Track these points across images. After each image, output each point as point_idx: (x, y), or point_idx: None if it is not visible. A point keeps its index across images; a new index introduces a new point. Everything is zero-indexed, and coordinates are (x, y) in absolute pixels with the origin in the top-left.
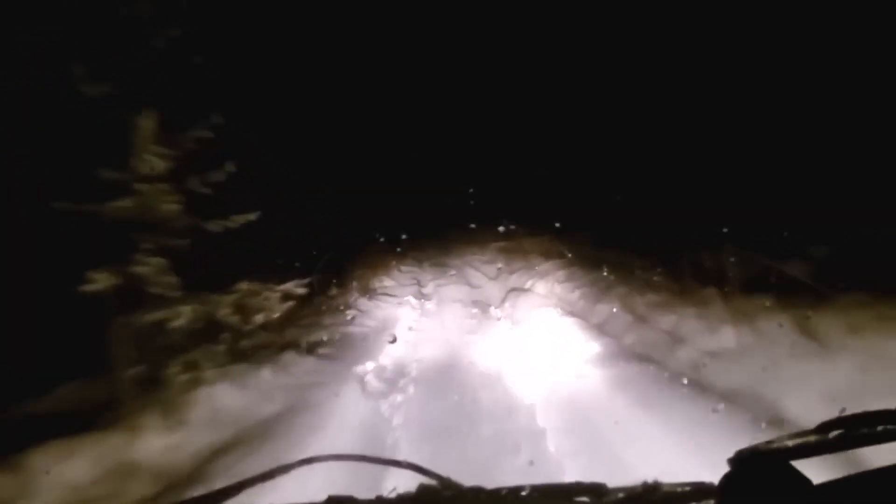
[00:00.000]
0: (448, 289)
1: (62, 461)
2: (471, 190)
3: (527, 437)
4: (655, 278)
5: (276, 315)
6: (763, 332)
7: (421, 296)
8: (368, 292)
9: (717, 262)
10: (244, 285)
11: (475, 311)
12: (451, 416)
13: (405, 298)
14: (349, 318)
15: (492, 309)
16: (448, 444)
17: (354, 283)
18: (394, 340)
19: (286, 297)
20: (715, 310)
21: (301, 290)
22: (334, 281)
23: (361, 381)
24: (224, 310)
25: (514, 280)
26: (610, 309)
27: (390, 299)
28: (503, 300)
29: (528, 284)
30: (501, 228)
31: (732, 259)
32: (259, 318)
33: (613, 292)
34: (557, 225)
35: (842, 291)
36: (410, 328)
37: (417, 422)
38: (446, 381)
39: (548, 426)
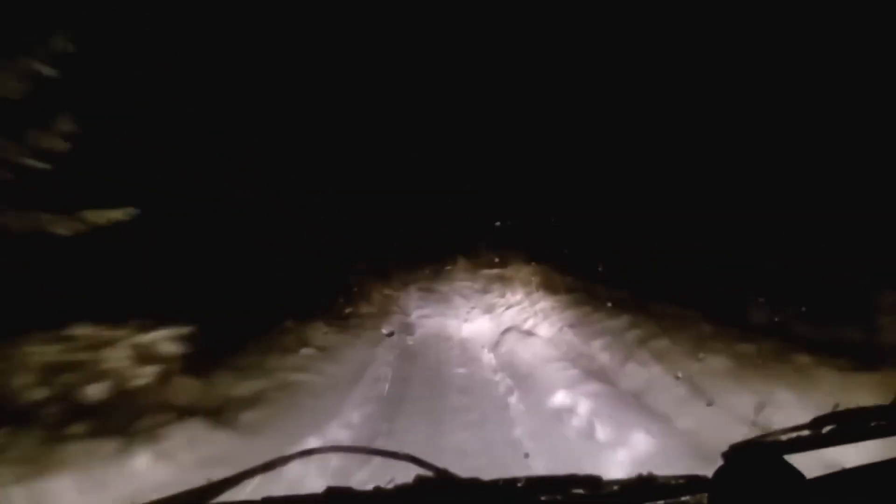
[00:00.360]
0: (434, 321)
1: None
2: (467, 187)
3: None
4: (705, 328)
5: (139, 383)
6: None
7: (403, 328)
8: (337, 322)
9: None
10: (85, 330)
11: (464, 355)
12: None
13: (383, 332)
14: (301, 360)
15: (484, 353)
16: None
17: (320, 312)
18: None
19: (147, 356)
20: (822, 387)
21: (173, 348)
22: (295, 308)
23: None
24: (24, 377)
25: (513, 316)
26: (647, 371)
27: (364, 333)
28: (497, 343)
29: (528, 325)
30: (498, 223)
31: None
32: (94, 391)
33: (649, 348)
34: (557, 229)
35: None
36: (381, 378)
37: None
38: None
39: None
